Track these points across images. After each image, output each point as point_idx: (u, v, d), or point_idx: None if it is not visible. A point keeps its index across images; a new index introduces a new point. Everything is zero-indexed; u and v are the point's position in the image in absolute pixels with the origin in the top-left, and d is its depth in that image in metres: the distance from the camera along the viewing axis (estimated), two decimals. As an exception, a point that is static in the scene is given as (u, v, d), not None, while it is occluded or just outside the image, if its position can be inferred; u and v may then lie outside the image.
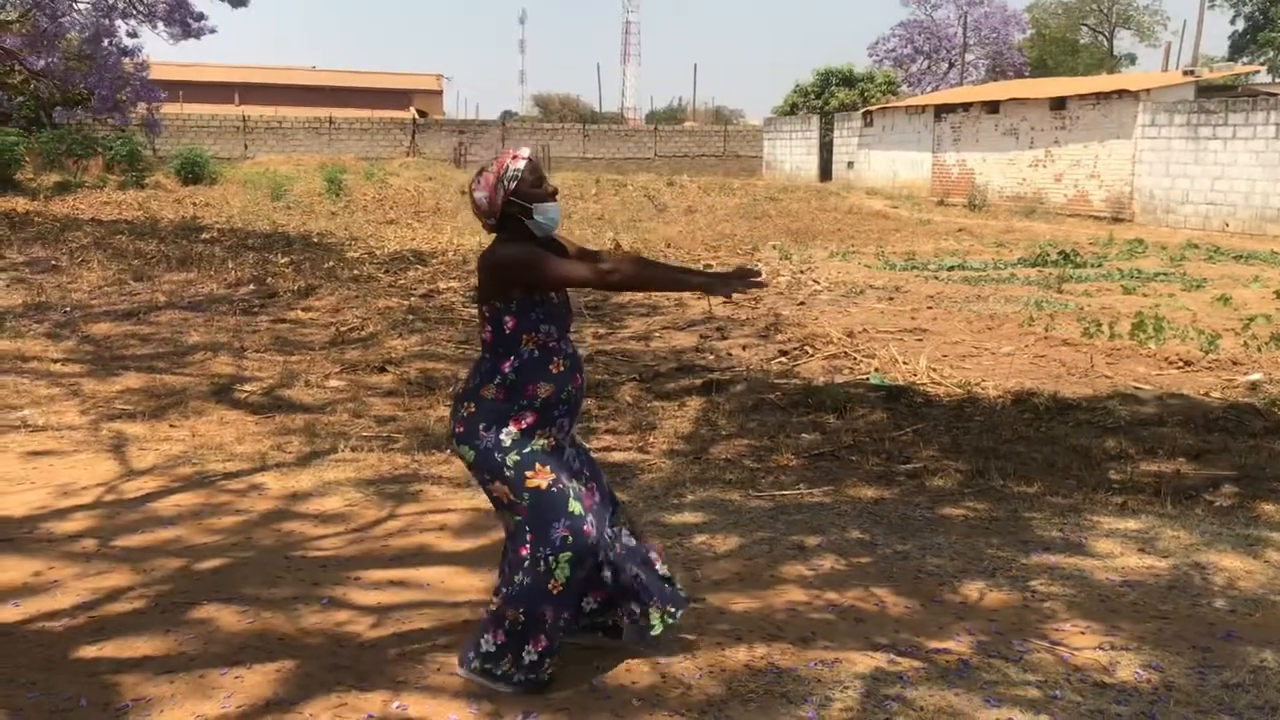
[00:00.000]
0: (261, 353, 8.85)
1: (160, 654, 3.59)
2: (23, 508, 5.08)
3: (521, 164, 3.32)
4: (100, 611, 3.93)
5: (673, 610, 3.52)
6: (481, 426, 3.29)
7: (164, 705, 3.25)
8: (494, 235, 3.41)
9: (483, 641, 3.35)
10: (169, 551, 4.54)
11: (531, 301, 3.30)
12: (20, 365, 8.21)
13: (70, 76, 19.29)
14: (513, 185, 3.30)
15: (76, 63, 19.14)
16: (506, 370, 3.30)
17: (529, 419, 3.30)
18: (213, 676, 3.42)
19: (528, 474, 3.26)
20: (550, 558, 3.26)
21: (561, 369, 3.35)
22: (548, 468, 3.30)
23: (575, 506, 3.30)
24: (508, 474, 3.26)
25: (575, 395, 3.41)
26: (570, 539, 3.27)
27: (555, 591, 3.27)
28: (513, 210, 3.33)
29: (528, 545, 3.28)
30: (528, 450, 3.29)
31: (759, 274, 3.35)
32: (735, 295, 3.91)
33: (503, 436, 3.28)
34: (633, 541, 3.56)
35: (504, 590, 3.34)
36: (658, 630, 3.47)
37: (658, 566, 3.58)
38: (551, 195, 3.37)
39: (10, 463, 5.81)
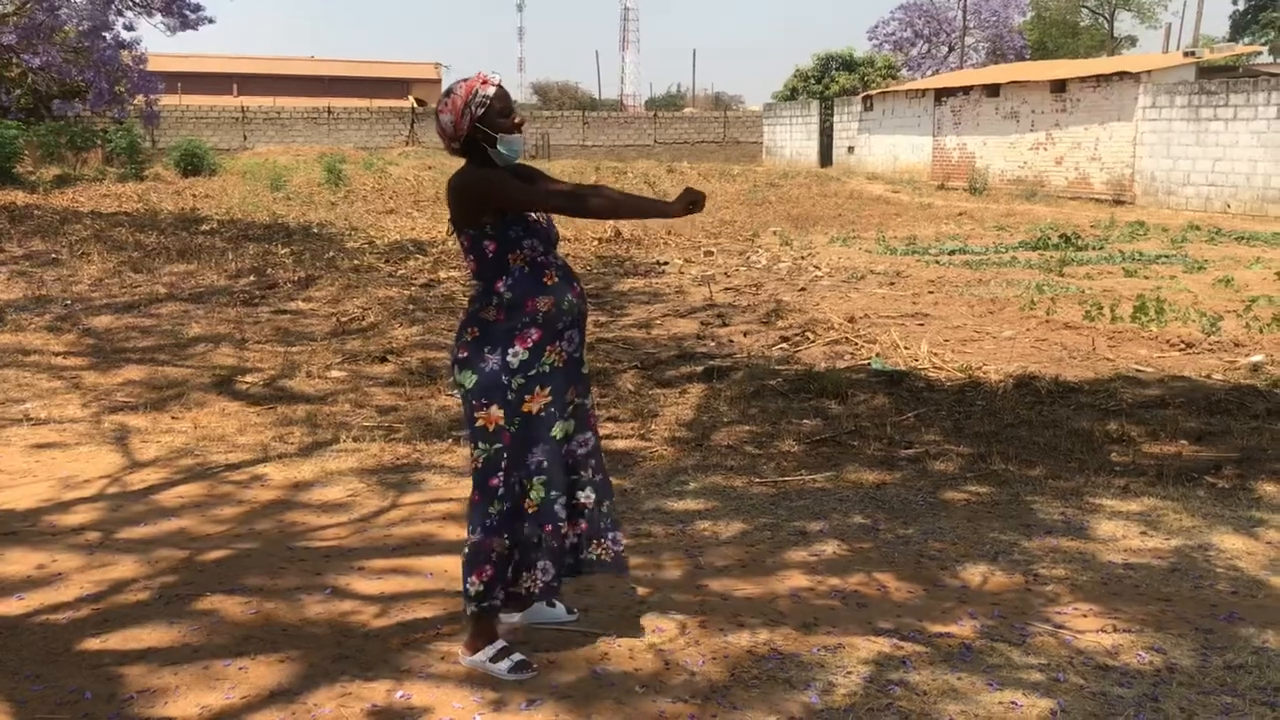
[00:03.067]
0: (262, 344, 8.85)
1: (164, 645, 3.60)
2: (26, 501, 5.09)
3: (491, 90, 3.30)
4: (104, 603, 3.94)
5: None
6: (487, 349, 3.29)
7: (168, 696, 3.26)
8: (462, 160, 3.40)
9: (469, 586, 3.36)
10: (172, 543, 4.55)
11: (506, 222, 3.30)
12: (21, 359, 8.21)
13: (67, 69, 19.24)
14: (480, 111, 3.29)
15: (73, 55, 19.08)
16: (501, 289, 3.30)
17: (535, 335, 3.30)
18: (217, 667, 3.43)
19: (526, 397, 3.28)
20: (525, 480, 3.32)
21: (556, 280, 3.35)
22: (547, 390, 3.32)
23: (558, 430, 3.34)
24: (509, 397, 3.27)
25: (576, 305, 3.41)
26: (545, 463, 3.31)
27: (530, 510, 3.33)
28: (477, 136, 3.32)
29: (500, 474, 3.30)
30: (533, 373, 3.29)
31: (702, 196, 3.34)
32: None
33: (509, 358, 3.28)
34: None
35: (480, 527, 3.34)
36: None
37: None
38: (517, 127, 3.37)
39: (13, 456, 5.82)
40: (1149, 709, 3.17)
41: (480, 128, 3.31)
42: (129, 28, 19.53)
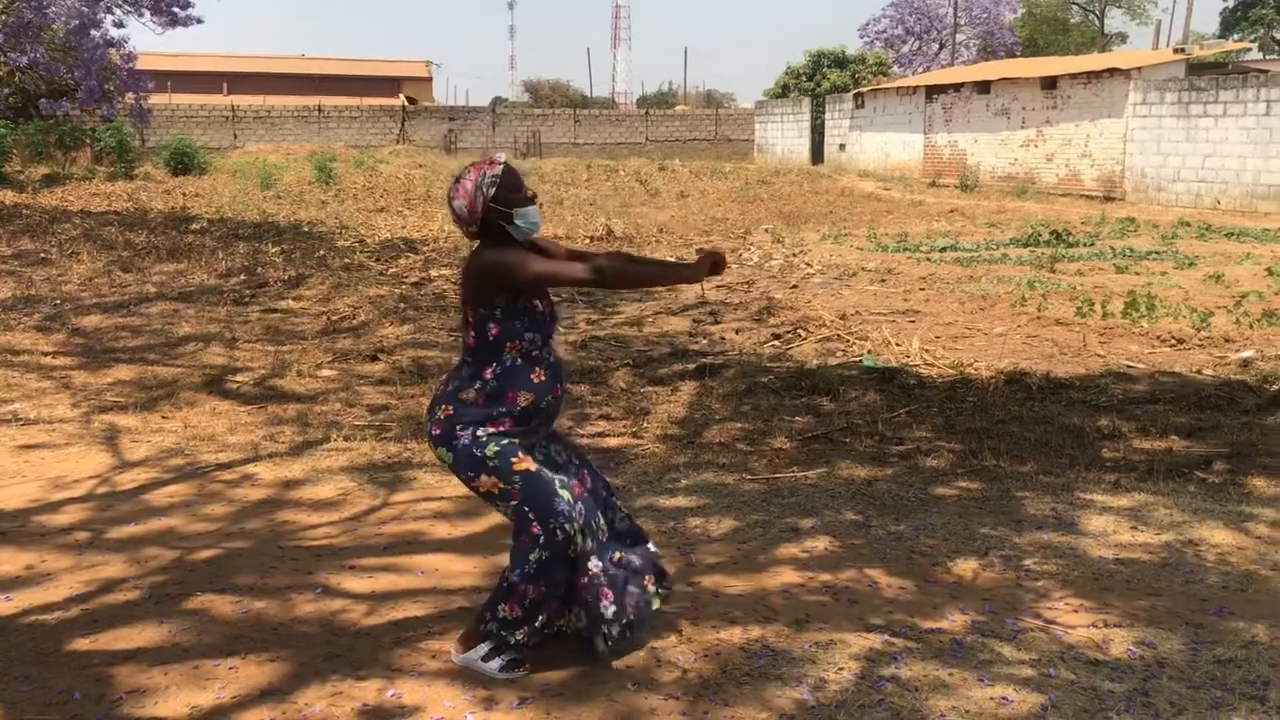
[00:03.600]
0: (253, 343, 8.83)
1: (154, 645, 3.58)
2: (15, 501, 5.06)
3: (499, 170, 3.31)
4: (94, 603, 3.92)
5: (665, 587, 3.58)
6: (458, 427, 3.28)
7: (158, 696, 3.25)
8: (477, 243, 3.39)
9: (501, 609, 3.34)
10: (162, 542, 4.54)
11: (516, 309, 3.29)
12: (10, 359, 8.18)
13: (56, 68, 19.16)
14: (491, 192, 3.29)
15: (62, 54, 19.01)
16: (488, 376, 3.29)
17: (506, 424, 3.29)
18: (207, 667, 3.42)
19: (513, 460, 3.27)
20: (566, 524, 3.27)
21: (543, 378, 3.34)
22: (529, 458, 3.31)
23: (564, 493, 3.32)
24: (491, 464, 3.26)
25: (554, 404, 3.41)
26: (568, 511, 3.29)
27: (573, 554, 3.31)
28: (493, 217, 3.31)
29: (537, 523, 3.27)
30: (506, 443, 3.28)
31: (723, 257, 3.35)
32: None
33: (479, 434, 3.27)
34: (627, 524, 3.58)
35: (519, 570, 3.31)
36: (655, 604, 3.51)
37: (650, 546, 3.60)
38: (531, 199, 3.36)
39: (2, 456, 5.79)
40: (1139, 703, 3.17)
41: (495, 207, 3.30)
42: (118, 25, 19.48)
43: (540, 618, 3.32)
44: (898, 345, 8.41)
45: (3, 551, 4.42)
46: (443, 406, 3.33)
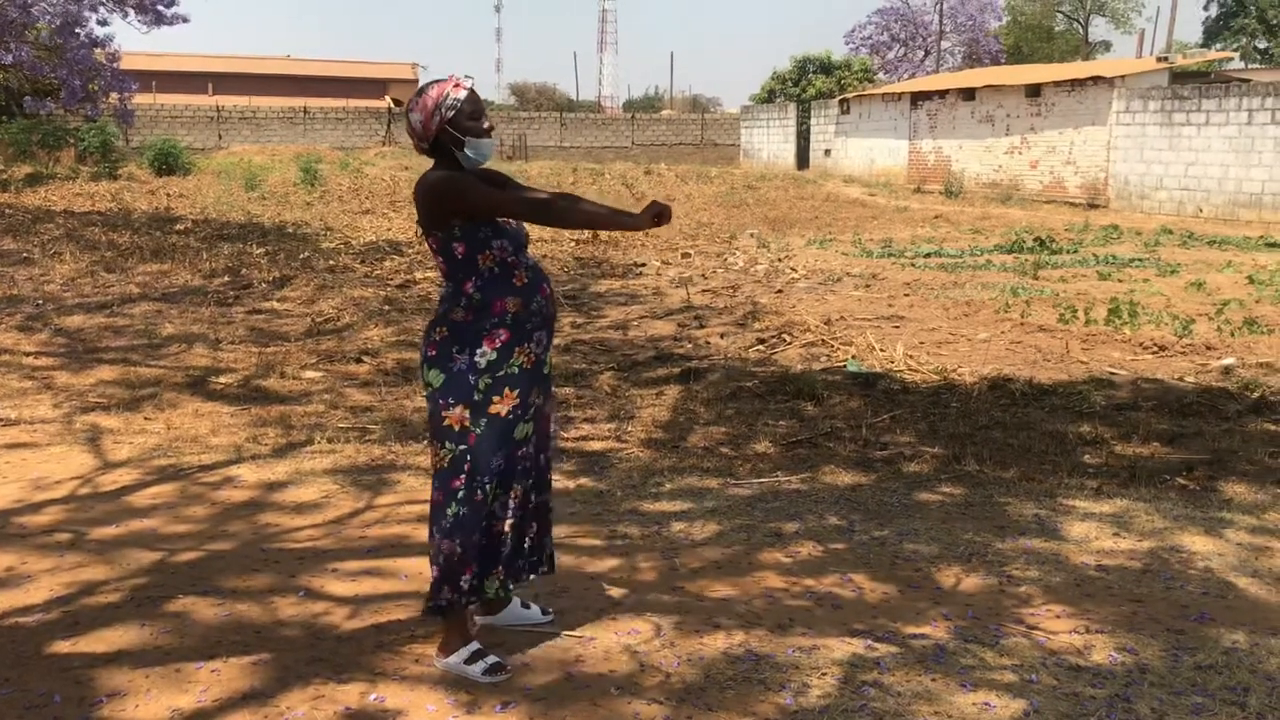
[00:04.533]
0: (237, 344, 8.80)
1: (135, 648, 3.56)
2: (-5, 502, 5.03)
3: (462, 94, 3.30)
4: (74, 606, 3.89)
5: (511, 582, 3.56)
6: (455, 349, 3.28)
7: (139, 699, 3.23)
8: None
9: (434, 579, 3.37)
10: (144, 544, 4.51)
11: (475, 225, 3.29)
12: (-8, 358, 8.12)
13: (39, 67, 19.04)
14: (450, 114, 3.29)
15: (46, 53, 18.88)
16: (470, 290, 3.29)
17: (503, 336, 3.29)
18: (188, 670, 3.40)
19: (494, 399, 3.27)
20: (489, 484, 3.31)
21: (526, 280, 3.34)
22: (515, 393, 3.31)
23: (520, 432, 3.35)
24: (475, 398, 3.26)
25: (545, 306, 3.40)
26: (503, 466, 3.32)
27: (487, 516, 3.34)
28: (446, 139, 3.31)
29: (463, 476, 3.28)
30: (501, 374, 3.28)
31: (668, 209, 3.29)
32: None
33: (477, 358, 3.27)
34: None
35: (436, 527, 3.34)
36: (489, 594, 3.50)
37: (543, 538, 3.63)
38: (487, 132, 3.35)
39: (-18, 457, 5.75)
40: (1120, 709, 3.19)
41: (449, 130, 3.30)
42: (102, 24, 19.34)
43: (464, 578, 3.33)
44: (882, 350, 8.43)
45: (-17, 553, 4.39)
46: (438, 329, 3.33)
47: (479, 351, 3.27)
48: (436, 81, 3.35)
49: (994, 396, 7.08)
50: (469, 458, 3.28)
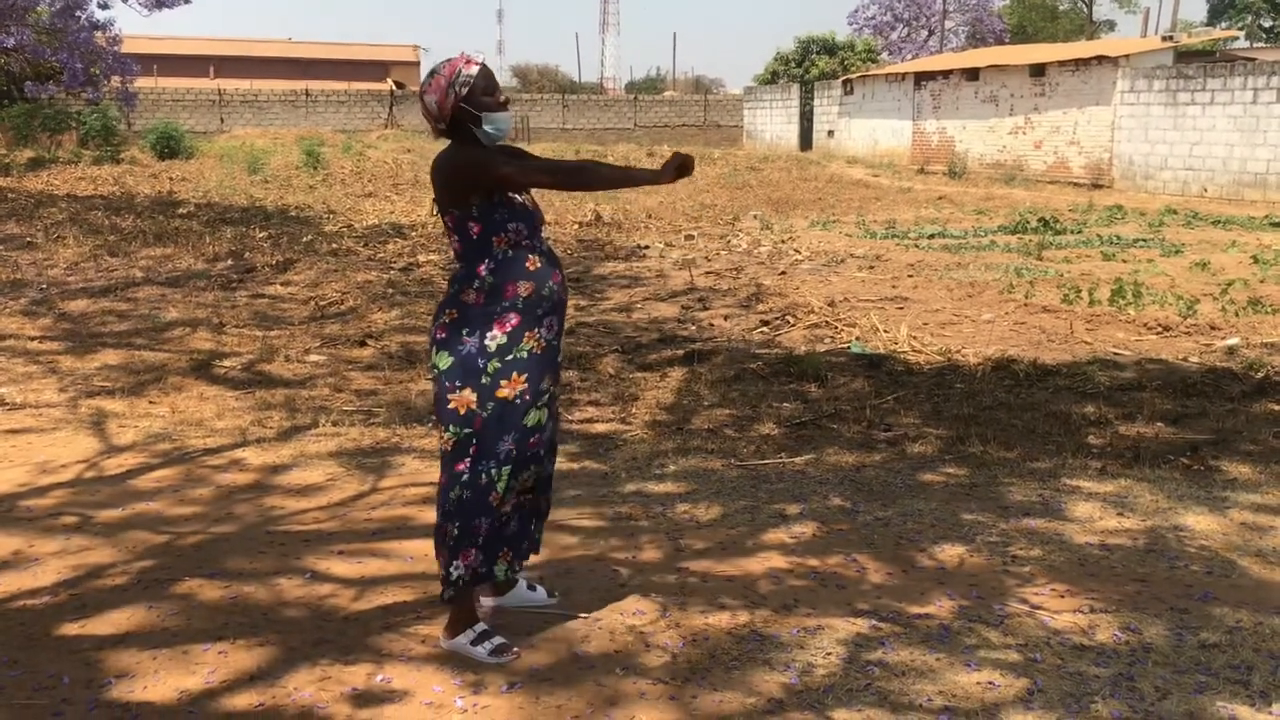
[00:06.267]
0: (240, 328, 8.81)
1: (142, 630, 3.58)
2: (2, 485, 5.05)
3: (474, 70, 3.28)
4: (81, 588, 3.91)
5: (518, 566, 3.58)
6: (465, 331, 3.27)
7: (146, 680, 3.25)
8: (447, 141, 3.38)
9: (441, 562, 3.37)
10: (149, 527, 4.53)
11: (492, 205, 3.28)
12: (-4, 343, 8.14)
13: (41, 50, 19.00)
14: (464, 91, 3.27)
15: (47, 37, 18.84)
16: (483, 273, 3.28)
17: (513, 320, 3.28)
18: (195, 651, 3.42)
19: (502, 382, 3.25)
20: (495, 469, 3.28)
21: (539, 265, 3.33)
22: (524, 377, 3.28)
23: (532, 418, 3.31)
24: (483, 381, 3.24)
25: (557, 291, 3.39)
26: (514, 452, 3.29)
27: (494, 502, 3.30)
28: (462, 117, 3.30)
29: (468, 460, 3.27)
30: (510, 358, 3.27)
31: (691, 159, 3.29)
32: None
33: (487, 341, 3.26)
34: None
35: (440, 510, 3.34)
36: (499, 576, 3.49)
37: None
38: (503, 105, 3.35)
39: (-12, 441, 5.77)
40: (1124, 688, 3.20)
41: (465, 107, 3.28)
42: (103, 6, 19.30)
43: (466, 561, 3.32)
44: (885, 332, 8.43)
45: (-11, 536, 4.41)
46: (448, 311, 3.32)
47: (489, 335, 3.26)
48: (447, 60, 3.33)
49: (998, 377, 7.08)
50: (474, 441, 3.27)
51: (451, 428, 3.29)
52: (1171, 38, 27.20)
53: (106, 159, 25.82)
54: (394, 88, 45.30)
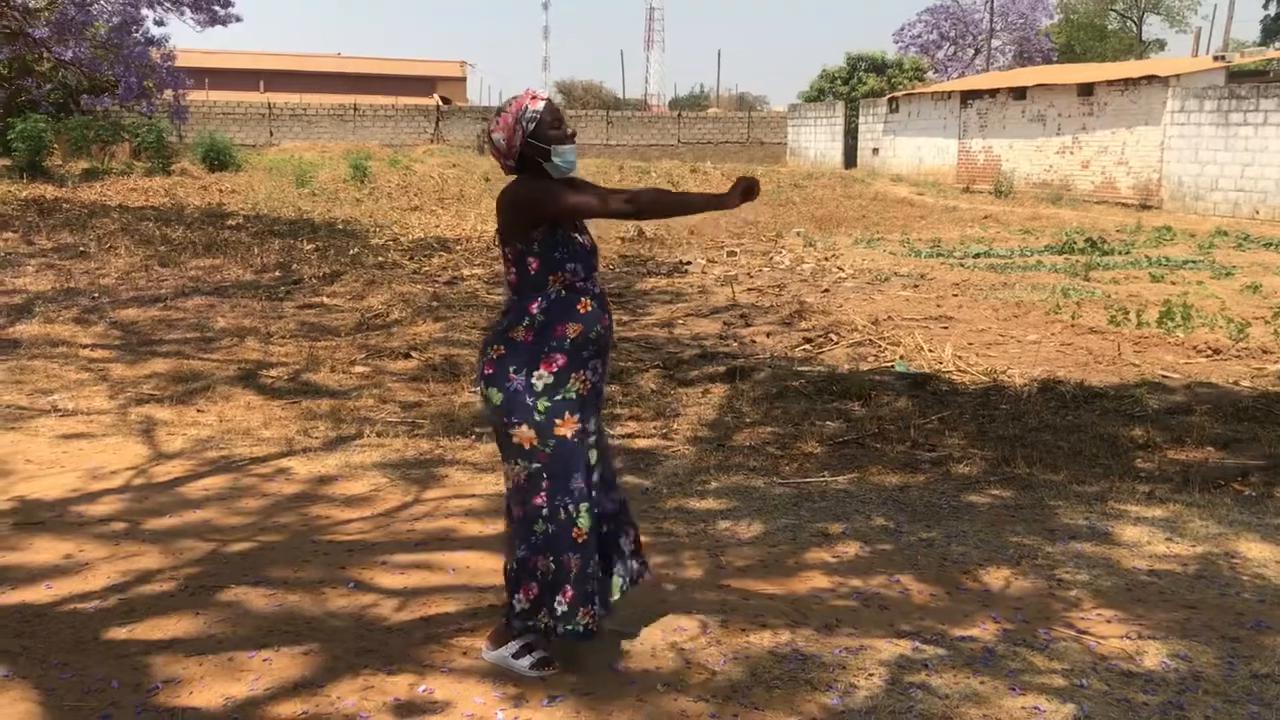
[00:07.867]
0: (287, 338, 8.91)
1: (189, 636, 3.63)
2: (54, 491, 5.13)
3: (540, 105, 3.33)
4: (130, 593, 3.97)
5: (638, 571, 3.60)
6: (512, 369, 3.30)
7: (193, 686, 3.29)
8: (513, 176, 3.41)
9: (515, 602, 3.35)
10: (197, 534, 4.59)
11: (554, 241, 3.31)
12: (50, 350, 8.29)
13: (97, 64, 19.37)
14: (531, 126, 3.31)
15: (103, 51, 19.20)
16: (534, 311, 3.31)
17: (560, 361, 3.30)
18: (241, 658, 3.46)
19: (557, 421, 3.28)
20: (571, 506, 3.29)
21: (590, 309, 3.35)
22: (575, 417, 3.31)
23: (593, 457, 3.35)
24: (537, 419, 3.27)
25: (604, 335, 3.40)
26: (585, 489, 3.31)
27: (580, 540, 3.30)
28: (530, 152, 3.34)
29: (543, 494, 3.28)
30: (559, 398, 3.29)
31: (756, 183, 3.29)
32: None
33: (534, 380, 3.28)
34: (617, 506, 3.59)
35: (525, 544, 3.32)
36: (616, 594, 3.50)
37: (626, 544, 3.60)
38: (570, 137, 3.38)
39: (41, 446, 5.87)
40: (1174, 716, 3.15)
41: (533, 142, 3.33)
42: (159, 23, 19.66)
43: (559, 601, 3.28)
44: (930, 351, 8.37)
45: (42, 540, 4.49)
46: (494, 347, 3.35)
47: (536, 374, 3.29)
48: (513, 98, 3.39)
49: (1044, 399, 7.00)
50: (545, 475, 3.29)
51: (520, 461, 3.32)
52: (1224, 57, 26.84)
53: (158, 171, 26.25)
54: (440, 103, 45.70)
